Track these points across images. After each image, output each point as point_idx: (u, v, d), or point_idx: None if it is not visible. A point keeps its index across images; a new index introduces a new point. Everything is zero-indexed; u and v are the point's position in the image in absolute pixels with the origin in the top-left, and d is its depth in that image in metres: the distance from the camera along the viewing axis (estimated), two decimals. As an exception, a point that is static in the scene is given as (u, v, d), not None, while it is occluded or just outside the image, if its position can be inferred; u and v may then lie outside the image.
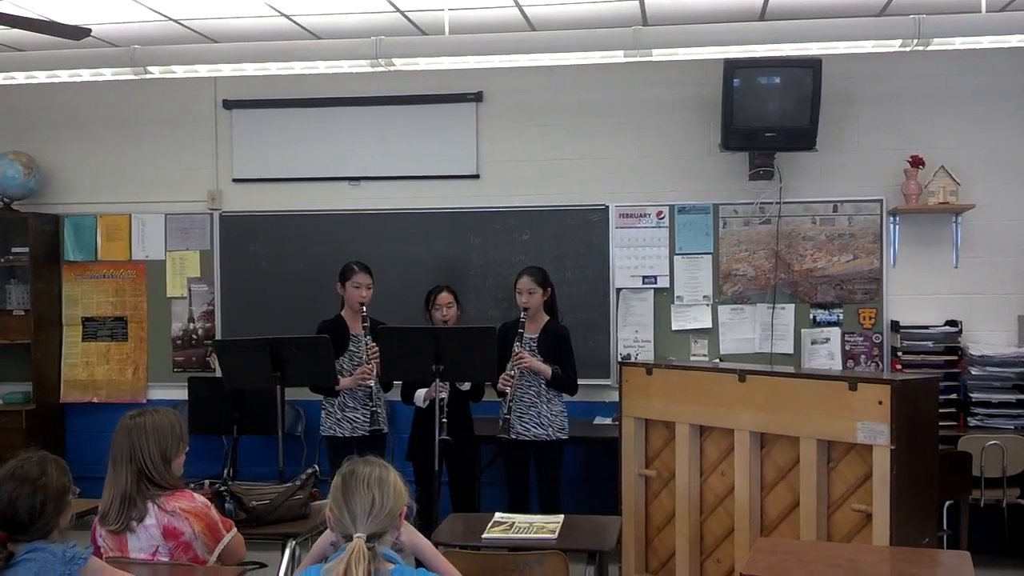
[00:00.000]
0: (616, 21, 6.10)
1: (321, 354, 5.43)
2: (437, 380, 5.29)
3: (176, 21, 6.18)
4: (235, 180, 7.23)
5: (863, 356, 6.57)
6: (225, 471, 6.62)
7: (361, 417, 5.75)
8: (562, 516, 4.44)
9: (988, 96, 6.49)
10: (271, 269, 7.11)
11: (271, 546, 4.44)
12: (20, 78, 6.05)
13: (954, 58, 6.19)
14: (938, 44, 5.28)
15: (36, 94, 7.11)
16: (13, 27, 4.97)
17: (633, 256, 6.79)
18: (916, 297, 6.53)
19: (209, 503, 3.59)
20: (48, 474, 3.07)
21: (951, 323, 6.40)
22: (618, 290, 6.79)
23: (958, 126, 6.51)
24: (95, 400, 7.32)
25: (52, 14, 5.84)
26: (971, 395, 6.20)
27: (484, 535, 4.22)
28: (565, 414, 5.77)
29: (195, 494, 3.55)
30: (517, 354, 5.61)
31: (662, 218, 6.77)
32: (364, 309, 5.76)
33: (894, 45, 5.32)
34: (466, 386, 5.76)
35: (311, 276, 6.93)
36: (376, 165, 7.05)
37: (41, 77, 6.04)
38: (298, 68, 5.78)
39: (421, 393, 5.72)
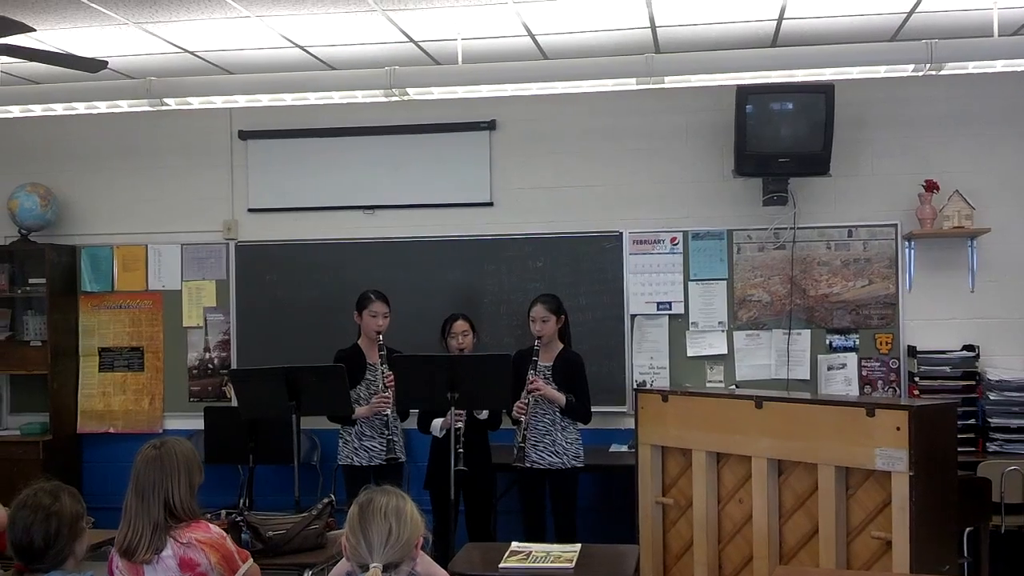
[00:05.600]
0: (628, 49, 6.12)
1: (337, 383, 5.44)
2: (453, 409, 5.28)
3: (192, 53, 6.23)
4: (251, 210, 7.26)
5: (880, 382, 6.53)
6: (241, 501, 6.62)
7: (378, 446, 5.74)
8: (579, 545, 4.42)
9: (1002, 119, 6.48)
10: (287, 298, 7.12)
11: (287, 576, 4.44)
12: (38, 110, 6.12)
13: (967, 82, 6.19)
14: (951, 68, 5.29)
15: (53, 126, 7.17)
16: (31, 60, 5.03)
17: (647, 282, 6.78)
18: (932, 322, 6.50)
19: (225, 534, 3.57)
20: (61, 501, 3.10)
21: (968, 348, 6.36)
22: (633, 316, 6.77)
23: (972, 150, 6.49)
24: (111, 430, 7.33)
25: (69, 47, 5.91)
26: (989, 420, 6.15)
27: (501, 565, 4.21)
28: (580, 442, 5.75)
29: (211, 525, 3.53)
30: (531, 382, 5.60)
31: (676, 244, 6.76)
32: (381, 338, 5.77)
33: (907, 70, 5.33)
34: (483, 414, 5.75)
35: (327, 305, 6.94)
36: (391, 194, 7.07)
37: (58, 109, 6.10)
38: (313, 99, 5.83)
39: (438, 423, 5.69)
